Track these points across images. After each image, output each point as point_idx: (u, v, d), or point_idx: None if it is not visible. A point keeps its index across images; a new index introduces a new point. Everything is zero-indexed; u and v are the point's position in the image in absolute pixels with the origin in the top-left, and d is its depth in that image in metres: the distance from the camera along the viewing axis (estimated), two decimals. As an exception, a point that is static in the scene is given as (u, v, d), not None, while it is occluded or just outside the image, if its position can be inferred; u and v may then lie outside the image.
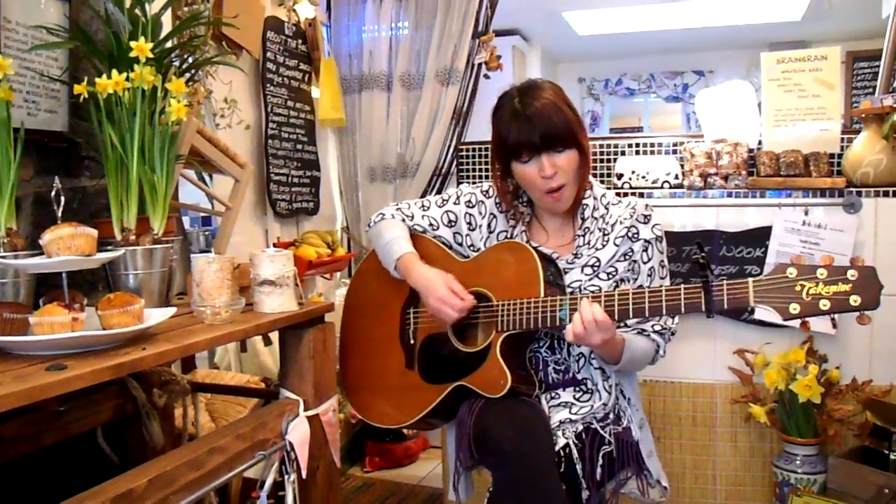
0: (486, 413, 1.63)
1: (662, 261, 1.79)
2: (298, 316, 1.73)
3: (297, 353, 1.76)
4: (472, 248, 1.87)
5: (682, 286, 1.51)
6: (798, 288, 1.41)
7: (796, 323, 1.45)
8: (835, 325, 1.39)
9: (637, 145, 3.09)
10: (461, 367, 1.74)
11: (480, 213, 1.87)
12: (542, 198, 1.75)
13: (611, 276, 1.76)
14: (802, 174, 2.73)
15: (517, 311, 1.66)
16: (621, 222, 1.77)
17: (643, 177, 2.93)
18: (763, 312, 2.63)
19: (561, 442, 1.64)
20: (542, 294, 1.64)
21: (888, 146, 2.59)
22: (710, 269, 1.47)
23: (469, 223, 1.88)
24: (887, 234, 2.61)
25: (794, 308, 1.41)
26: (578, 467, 1.62)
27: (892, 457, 2.36)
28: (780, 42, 5.90)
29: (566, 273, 1.76)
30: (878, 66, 2.92)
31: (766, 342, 2.66)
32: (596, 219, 1.79)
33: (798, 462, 2.55)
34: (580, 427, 1.69)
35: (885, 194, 2.61)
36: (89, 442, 1.75)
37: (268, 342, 2.63)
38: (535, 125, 1.66)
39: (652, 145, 3.08)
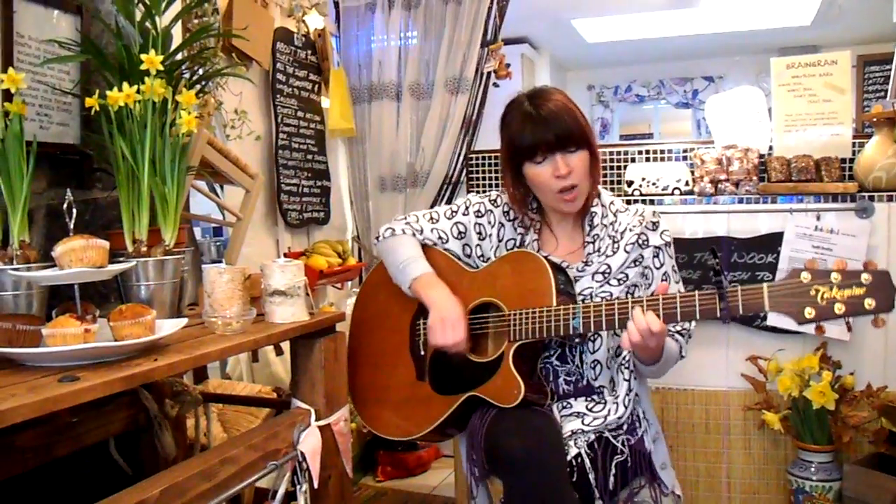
0: (498, 423, 1.63)
1: (673, 265, 1.80)
2: (309, 326, 1.73)
3: (308, 362, 1.76)
4: (481, 258, 1.87)
5: (697, 292, 1.51)
6: (813, 292, 1.42)
7: (811, 327, 1.46)
8: (850, 329, 1.41)
9: (647, 152, 3.09)
10: (473, 377, 1.73)
11: (490, 223, 1.87)
12: (554, 199, 1.75)
13: (622, 282, 1.76)
14: (814, 179, 2.71)
15: (530, 321, 1.66)
16: (631, 229, 1.78)
17: (653, 183, 2.93)
18: (776, 318, 2.62)
19: (573, 451, 1.63)
20: (555, 303, 1.65)
21: (900, 150, 2.58)
22: (724, 274, 1.48)
23: (479, 233, 1.87)
24: (900, 238, 2.59)
25: (810, 312, 1.42)
26: (591, 477, 1.61)
27: (908, 464, 2.34)
28: (790, 47, 5.88)
29: (577, 281, 1.76)
30: (890, 70, 2.91)
31: (779, 349, 2.65)
32: (605, 226, 1.80)
33: (813, 469, 2.53)
34: (592, 437, 1.68)
35: (898, 199, 2.60)
36: (102, 453, 1.76)
37: (279, 352, 2.64)
38: (549, 125, 1.68)
39: (662, 152, 3.08)
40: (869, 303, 1.38)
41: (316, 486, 1.64)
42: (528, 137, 1.70)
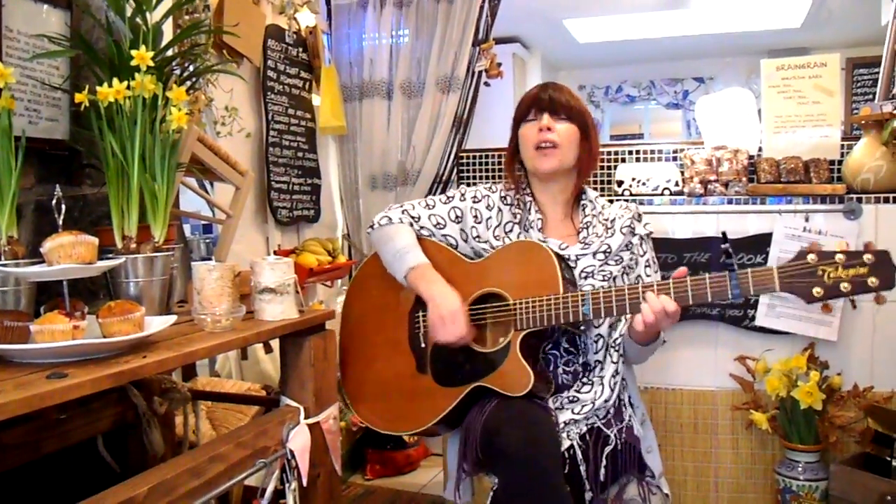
0: (495, 416, 1.64)
1: (653, 255, 1.91)
2: (299, 323, 1.72)
3: (297, 360, 1.76)
4: (478, 239, 1.89)
5: (708, 275, 1.58)
6: (819, 272, 1.50)
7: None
8: (854, 306, 1.49)
9: (637, 152, 3.10)
10: (478, 367, 1.75)
11: (487, 207, 1.91)
12: (532, 156, 1.86)
13: (618, 263, 1.83)
14: (803, 181, 2.73)
15: (538, 309, 1.69)
16: (620, 217, 1.88)
17: (643, 183, 2.93)
18: (764, 319, 2.64)
19: (566, 444, 1.67)
20: (562, 291, 1.68)
21: (888, 152, 2.59)
22: (734, 257, 1.54)
23: (475, 216, 1.91)
24: (888, 239, 2.60)
25: (818, 291, 1.50)
26: (582, 468, 1.65)
27: (894, 463, 2.35)
28: (779, 49, 5.91)
29: (578, 259, 1.82)
30: (878, 73, 2.92)
31: (768, 349, 2.66)
32: (595, 215, 1.90)
33: (800, 469, 2.54)
34: (584, 428, 1.72)
35: (886, 200, 2.62)
36: (90, 450, 1.75)
37: (268, 350, 2.63)
38: (546, 96, 1.86)
39: (652, 152, 3.09)
40: (872, 281, 1.46)
41: (305, 483, 1.64)
42: (528, 102, 1.89)
